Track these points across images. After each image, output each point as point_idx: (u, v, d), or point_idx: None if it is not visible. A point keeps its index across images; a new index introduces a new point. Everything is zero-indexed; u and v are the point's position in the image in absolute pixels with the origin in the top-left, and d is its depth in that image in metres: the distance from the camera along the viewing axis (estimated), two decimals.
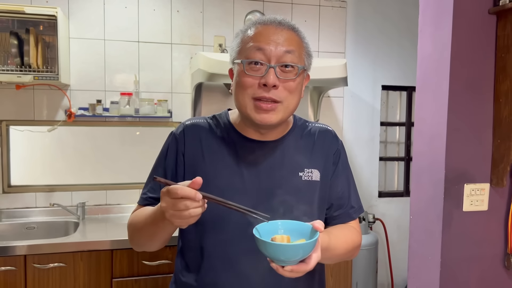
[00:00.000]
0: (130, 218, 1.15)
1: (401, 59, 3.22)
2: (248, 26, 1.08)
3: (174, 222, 0.88)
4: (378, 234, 3.17)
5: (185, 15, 2.80)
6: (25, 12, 2.28)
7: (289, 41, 1.03)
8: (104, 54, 2.68)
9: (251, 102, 1.03)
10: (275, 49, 1.01)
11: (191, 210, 0.86)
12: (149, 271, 2.20)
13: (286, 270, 0.84)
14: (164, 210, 0.88)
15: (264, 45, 1.01)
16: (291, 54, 1.02)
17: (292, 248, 0.82)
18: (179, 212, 0.86)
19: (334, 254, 1.06)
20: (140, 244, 1.14)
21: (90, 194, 2.69)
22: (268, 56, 1.01)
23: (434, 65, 1.69)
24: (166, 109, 2.71)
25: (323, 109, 3.05)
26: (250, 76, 1.02)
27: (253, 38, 1.03)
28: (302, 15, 2.99)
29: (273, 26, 1.04)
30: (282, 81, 1.02)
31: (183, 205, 0.85)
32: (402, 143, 3.37)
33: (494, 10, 1.60)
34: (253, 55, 1.01)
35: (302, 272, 0.86)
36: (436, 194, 1.66)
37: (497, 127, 1.64)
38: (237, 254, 1.08)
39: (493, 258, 1.70)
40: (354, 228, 1.19)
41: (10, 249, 2.05)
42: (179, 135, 1.14)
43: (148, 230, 1.04)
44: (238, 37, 1.08)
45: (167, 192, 0.87)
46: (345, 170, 1.21)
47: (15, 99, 2.56)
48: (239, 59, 1.04)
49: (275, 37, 1.02)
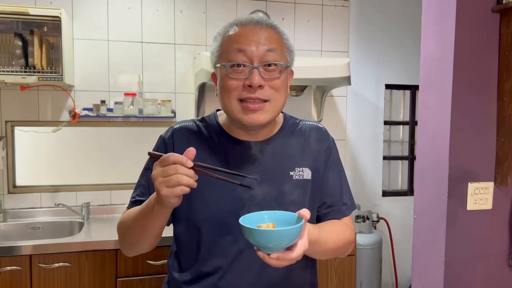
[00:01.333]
0: (119, 220, 1.14)
1: (404, 58, 3.21)
2: (226, 29, 1.06)
3: (161, 191, 0.86)
4: (382, 233, 3.17)
5: (188, 15, 2.81)
6: (29, 13, 2.30)
7: (269, 40, 1.02)
8: (107, 54, 2.70)
9: (238, 105, 1.02)
10: (257, 49, 1.00)
11: (179, 176, 0.85)
12: (153, 271, 2.20)
13: (272, 258, 0.84)
14: (154, 179, 0.88)
15: (245, 46, 1.00)
16: (273, 52, 1.01)
17: (277, 233, 0.82)
18: (168, 178, 0.85)
19: (325, 248, 1.04)
20: (130, 244, 1.11)
21: (95, 194, 2.70)
22: (250, 57, 1.00)
23: (437, 64, 1.69)
24: (170, 109, 2.72)
25: (326, 109, 3.05)
26: (234, 79, 1.01)
27: (233, 40, 1.02)
28: (305, 14, 2.99)
29: (251, 26, 1.03)
30: (267, 80, 1.01)
31: (172, 169, 0.85)
32: (406, 142, 3.37)
33: (497, 8, 1.59)
34: (235, 58, 1.00)
35: (289, 260, 0.85)
36: (440, 193, 1.66)
37: (501, 125, 1.64)
38: (230, 251, 1.09)
39: (498, 257, 1.70)
40: (346, 224, 1.18)
41: (15, 249, 2.07)
42: (168, 139, 1.14)
43: (138, 226, 1.03)
44: (217, 40, 1.06)
45: (159, 161, 0.88)
46: (336, 166, 1.20)
47: (20, 100, 2.57)
48: (221, 62, 1.03)
49: (255, 37, 1.01)
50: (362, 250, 2.83)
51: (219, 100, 1.08)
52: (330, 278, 2.49)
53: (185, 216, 1.12)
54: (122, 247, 1.15)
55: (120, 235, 1.13)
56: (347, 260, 2.51)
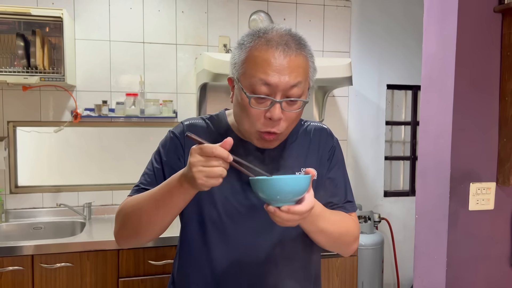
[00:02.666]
0: (120, 207, 1.09)
1: (406, 58, 3.21)
2: (253, 42, 1.01)
3: (199, 179, 0.87)
4: (384, 233, 3.16)
5: (190, 15, 2.81)
6: (31, 14, 2.30)
7: (296, 72, 0.99)
8: (109, 55, 2.70)
9: (256, 133, 1.03)
10: (282, 83, 0.97)
11: (221, 169, 0.87)
12: (155, 271, 2.21)
13: (283, 210, 0.86)
14: (192, 165, 0.87)
15: (270, 79, 0.97)
16: (297, 88, 0.99)
17: (285, 181, 0.85)
18: (209, 169, 0.87)
19: (327, 227, 1.04)
20: (134, 230, 1.05)
21: (96, 194, 2.71)
22: (274, 90, 0.98)
23: (439, 64, 1.69)
24: (171, 110, 2.72)
25: (328, 109, 3.05)
26: (255, 109, 1.00)
27: (259, 65, 0.98)
28: (306, 14, 2.99)
29: (280, 51, 0.98)
30: (286, 113, 1.01)
31: (216, 161, 0.87)
32: (408, 142, 3.36)
33: (499, 8, 1.59)
34: (259, 90, 0.98)
35: (298, 213, 0.87)
36: (442, 193, 1.65)
37: (503, 126, 1.63)
38: (238, 252, 1.09)
39: (500, 258, 1.69)
40: (351, 217, 1.17)
41: (17, 249, 2.07)
42: (179, 134, 1.13)
43: (154, 206, 0.99)
44: (243, 52, 1.02)
45: (199, 149, 0.88)
46: (340, 166, 1.20)
47: (22, 100, 2.58)
48: (243, 82, 1.01)
49: (281, 68, 0.97)
50: (364, 251, 2.83)
51: (236, 116, 1.07)
52: (331, 278, 2.48)
53: (193, 216, 1.12)
54: (122, 235, 1.09)
55: (122, 221, 1.08)
56: (348, 260, 2.51)
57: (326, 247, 1.12)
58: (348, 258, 2.50)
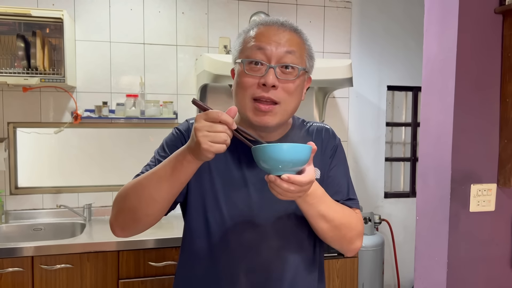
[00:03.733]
0: (119, 191, 1.06)
1: (406, 59, 3.21)
2: (250, 27, 1.08)
3: (204, 144, 0.87)
4: (384, 235, 3.16)
5: (190, 16, 2.81)
6: (32, 15, 2.30)
7: (290, 42, 1.03)
8: (110, 56, 2.70)
9: (250, 103, 1.03)
10: (276, 49, 1.01)
11: (226, 135, 0.88)
12: (155, 272, 2.20)
13: (283, 179, 0.87)
14: (198, 130, 0.87)
15: (264, 44, 1.01)
16: (291, 55, 1.02)
17: (287, 147, 0.86)
18: (214, 134, 0.87)
19: (329, 212, 1.04)
20: (134, 210, 1.01)
21: (97, 196, 2.70)
22: (268, 56, 1.01)
23: (439, 65, 1.68)
24: (172, 111, 2.72)
25: (328, 110, 3.05)
26: (250, 76, 1.02)
27: (254, 38, 1.04)
28: (307, 15, 2.99)
29: (275, 27, 1.04)
30: (281, 81, 1.02)
31: (221, 127, 0.87)
32: (408, 143, 3.36)
33: (500, 10, 1.59)
34: (254, 55, 1.02)
35: (298, 183, 0.87)
36: (443, 194, 1.65)
37: (503, 127, 1.63)
38: (243, 250, 1.09)
39: (500, 259, 1.69)
40: (354, 212, 1.17)
41: (17, 250, 2.07)
42: (185, 131, 1.14)
43: (156, 179, 0.97)
44: (241, 37, 1.09)
45: (205, 114, 0.88)
46: (342, 164, 1.21)
47: (22, 102, 2.58)
48: (240, 57, 1.05)
49: (276, 38, 1.02)
50: (364, 252, 2.83)
51: (234, 96, 1.09)
52: (332, 280, 2.48)
53: (198, 216, 1.12)
54: (119, 219, 1.05)
55: (121, 202, 1.04)
56: (349, 261, 2.50)
57: (328, 240, 1.10)
58: (348, 259, 2.49)
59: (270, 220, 1.10)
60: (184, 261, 1.18)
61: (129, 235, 1.08)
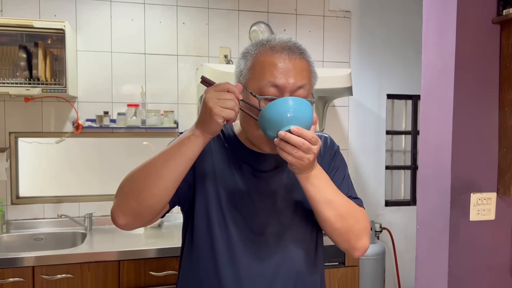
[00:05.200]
0: (128, 173, 1.07)
1: (405, 67, 3.22)
2: (258, 49, 1.06)
3: (214, 108, 0.93)
4: (385, 243, 3.15)
5: (191, 27, 2.83)
6: (34, 26, 2.32)
7: (301, 74, 1.03)
8: (111, 66, 2.72)
9: (263, 136, 1.03)
10: (288, 84, 1.02)
11: (234, 101, 0.95)
12: (156, 282, 2.20)
13: (293, 130, 0.92)
14: (208, 100, 0.94)
15: (278, 81, 1.01)
16: (303, 89, 1.04)
17: (294, 99, 0.95)
18: (223, 100, 0.94)
19: (335, 198, 1.05)
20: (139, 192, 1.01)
21: (98, 205, 2.71)
22: (281, 91, 1.02)
23: (438, 75, 1.70)
24: (173, 120, 2.73)
25: (328, 119, 3.06)
26: None
27: (266, 68, 1.03)
28: (306, 25, 3.02)
29: (285, 55, 1.03)
30: None
31: (229, 95, 0.95)
32: (408, 151, 3.37)
33: (497, 20, 1.61)
34: (267, 91, 1.02)
35: (307, 137, 0.92)
36: (443, 203, 1.66)
37: (502, 136, 1.64)
38: (244, 257, 1.10)
39: (501, 268, 1.69)
40: (359, 206, 1.17)
41: (18, 260, 2.07)
42: None
43: (163, 157, 1.00)
44: (248, 60, 1.07)
45: (214, 86, 0.97)
46: (342, 167, 1.22)
47: (24, 112, 2.59)
48: (252, 88, 1.04)
49: (287, 70, 1.02)
50: (365, 261, 2.82)
51: (241, 119, 1.09)
52: None
53: (201, 224, 1.12)
54: (123, 206, 1.04)
55: (126, 186, 1.05)
56: (350, 270, 2.50)
57: (336, 233, 1.08)
58: (349, 268, 2.48)
59: (273, 228, 1.11)
60: (185, 270, 1.18)
61: (130, 224, 1.05)
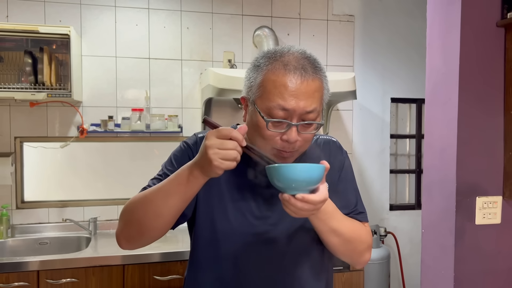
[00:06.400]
0: (128, 202, 1.07)
1: (409, 71, 3.22)
2: (270, 64, 1.02)
3: (215, 161, 0.89)
4: (390, 247, 3.14)
5: (195, 32, 2.84)
6: (39, 31, 2.34)
7: (312, 98, 1.01)
8: (115, 70, 2.73)
9: (271, 151, 1.03)
10: (299, 108, 0.99)
11: (236, 152, 0.90)
12: (160, 286, 2.19)
13: (297, 198, 0.88)
14: (209, 148, 0.90)
15: (287, 105, 0.98)
16: (313, 113, 1.02)
17: (301, 168, 0.89)
18: (225, 151, 0.89)
19: (339, 227, 1.06)
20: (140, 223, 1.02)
21: (102, 209, 2.71)
22: (291, 115, 1.00)
23: (443, 79, 1.69)
24: (177, 124, 2.74)
25: (332, 122, 3.06)
26: (272, 132, 1.01)
27: (277, 90, 0.99)
28: (310, 30, 3.02)
29: (298, 75, 0.99)
30: (301, 135, 1.03)
31: (232, 144, 0.90)
32: (413, 155, 3.35)
33: (502, 23, 1.60)
34: (276, 114, 1.00)
35: (312, 202, 0.89)
36: (448, 207, 1.65)
37: (508, 139, 1.63)
38: (251, 263, 1.10)
39: (507, 272, 1.68)
40: (363, 225, 1.18)
41: (23, 265, 2.07)
42: (193, 145, 1.14)
43: (162, 194, 0.99)
44: (259, 75, 1.03)
45: (216, 131, 0.91)
46: (350, 177, 1.22)
47: (29, 116, 2.60)
48: (260, 106, 1.02)
49: (299, 94, 0.99)
50: (370, 265, 2.81)
51: (249, 131, 1.07)
52: None
53: (206, 230, 1.12)
54: (126, 232, 1.07)
55: (127, 216, 1.06)
56: (355, 275, 2.48)
57: (339, 253, 1.11)
58: (354, 272, 2.47)
59: (279, 233, 1.11)
60: (192, 274, 1.18)
61: (135, 248, 1.10)
